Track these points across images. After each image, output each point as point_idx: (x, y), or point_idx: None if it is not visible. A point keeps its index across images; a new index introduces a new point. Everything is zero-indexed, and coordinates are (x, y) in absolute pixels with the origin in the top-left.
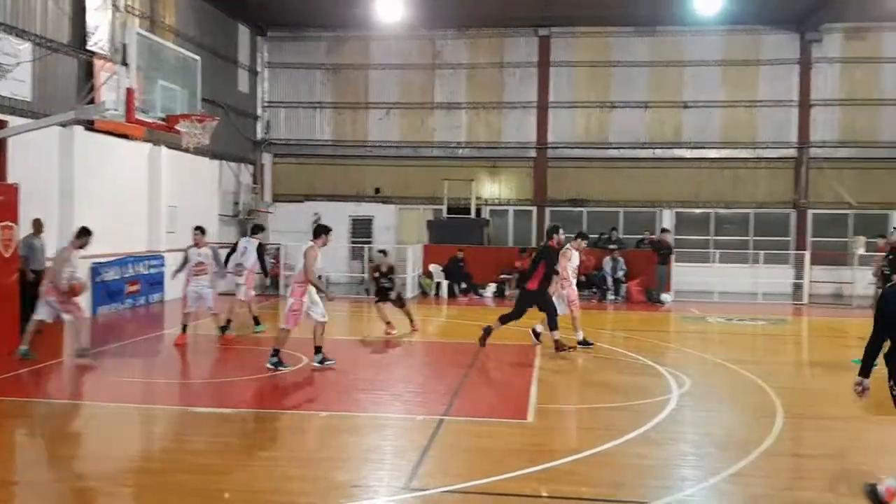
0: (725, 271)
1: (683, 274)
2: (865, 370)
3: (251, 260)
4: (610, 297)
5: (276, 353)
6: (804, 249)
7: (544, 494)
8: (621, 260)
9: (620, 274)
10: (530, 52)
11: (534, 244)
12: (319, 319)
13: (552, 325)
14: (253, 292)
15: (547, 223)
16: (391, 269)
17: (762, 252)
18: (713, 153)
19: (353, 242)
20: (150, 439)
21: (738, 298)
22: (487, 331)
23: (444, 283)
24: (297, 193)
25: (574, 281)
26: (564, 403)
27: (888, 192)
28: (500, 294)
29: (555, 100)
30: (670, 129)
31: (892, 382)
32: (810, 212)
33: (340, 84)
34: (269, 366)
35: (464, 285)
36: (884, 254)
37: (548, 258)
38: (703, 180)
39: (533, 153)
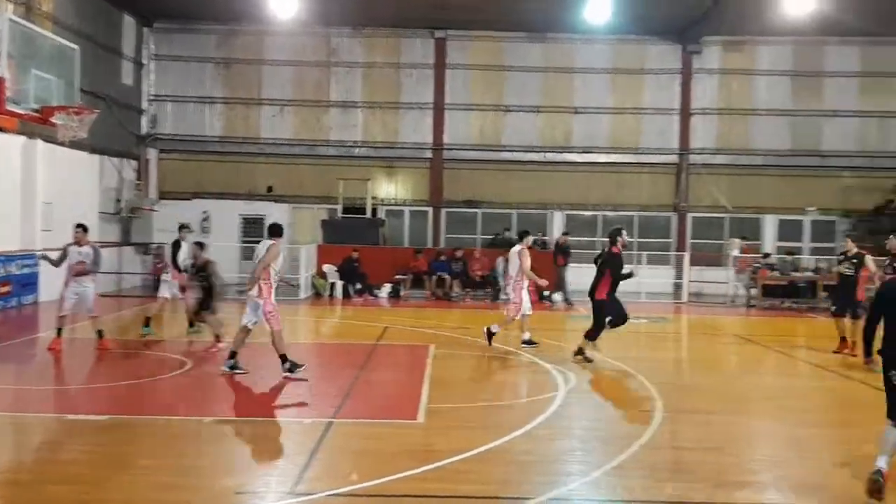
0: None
1: (573, 274)
2: (868, 351)
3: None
4: (503, 296)
5: (233, 355)
6: (684, 251)
7: (431, 494)
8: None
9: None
10: (426, 53)
11: (430, 244)
12: (246, 323)
13: (593, 335)
14: (177, 291)
15: (444, 223)
16: (207, 265)
17: (645, 253)
18: (601, 157)
19: (245, 242)
20: (21, 449)
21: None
22: (580, 352)
23: (339, 284)
24: (184, 191)
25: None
26: (455, 403)
27: (761, 198)
28: (395, 294)
29: (451, 101)
30: (561, 134)
31: (891, 372)
32: (690, 215)
33: (232, 79)
34: (225, 369)
35: (358, 286)
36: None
37: (613, 265)
38: (592, 184)
39: (429, 154)
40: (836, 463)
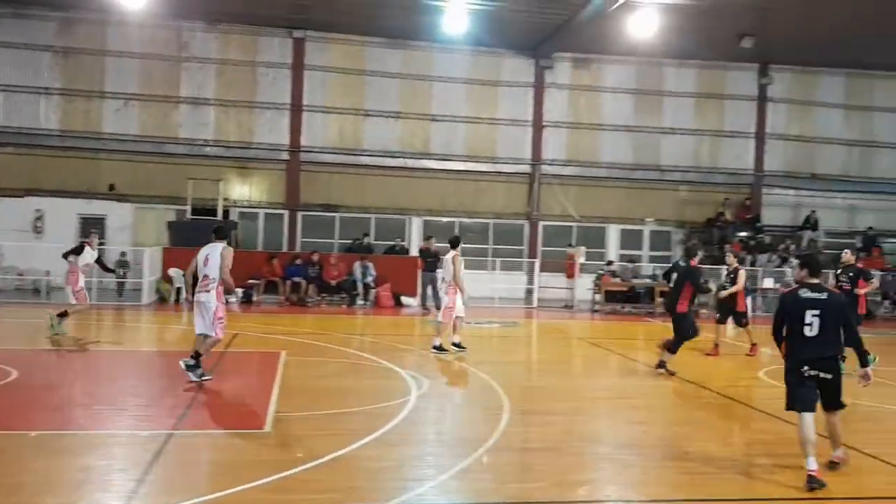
0: (467, 277)
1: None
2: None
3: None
4: (359, 301)
5: (196, 357)
6: (535, 258)
7: None
8: (371, 265)
9: (370, 279)
10: (284, 53)
11: (285, 248)
12: (202, 332)
13: (674, 348)
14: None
15: (300, 227)
16: None
17: (499, 259)
18: (458, 165)
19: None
20: None
21: (478, 303)
22: (661, 365)
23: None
24: (16, 188)
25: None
26: (305, 411)
27: (606, 208)
28: (247, 300)
29: (309, 103)
30: (420, 141)
31: (804, 367)
32: (541, 223)
33: (71, 69)
34: (193, 378)
35: None
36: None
37: (692, 278)
38: (449, 191)
39: (286, 156)
40: (670, 458)
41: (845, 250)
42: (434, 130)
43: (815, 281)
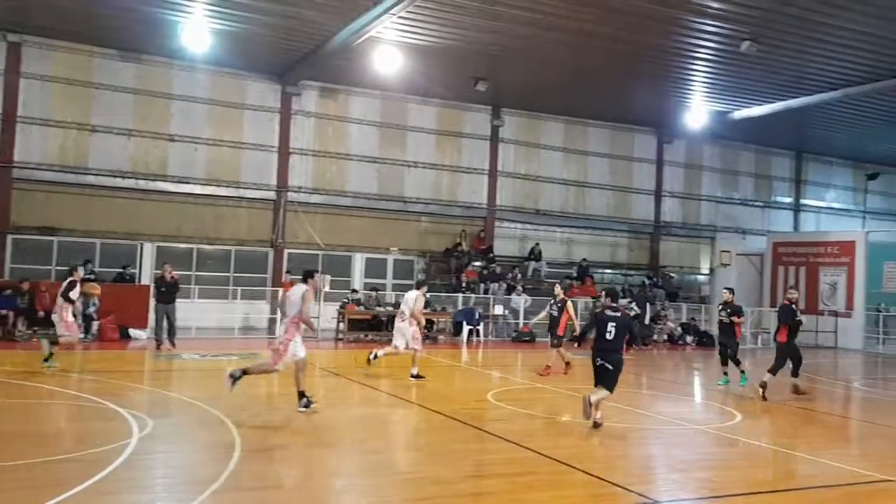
0: (205, 306)
1: (183, 310)
2: (579, 342)
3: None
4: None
5: (301, 394)
6: (280, 286)
7: None
8: (95, 295)
9: (92, 310)
10: None
11: None
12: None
13: (795, 372)
14: None
15: (9, 252)
16: None
17: (241, 288)
18: (197, 189)
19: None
20: None
21: (216, 334)
22: (763, 385)
23: None
24: None
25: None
26: (4, 461)
27: (352, 237)
28: None
29: (25, 115)
30: (155, 161)
31: (597, 359)
32: (286, 251)
33: None
34: (301, 409)
35: None
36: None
37: (785, 316)
38: (187, 215)
39: None
40: (404, 485)
41: (557, 285)
42: (172, 151)
43: (614, 304)
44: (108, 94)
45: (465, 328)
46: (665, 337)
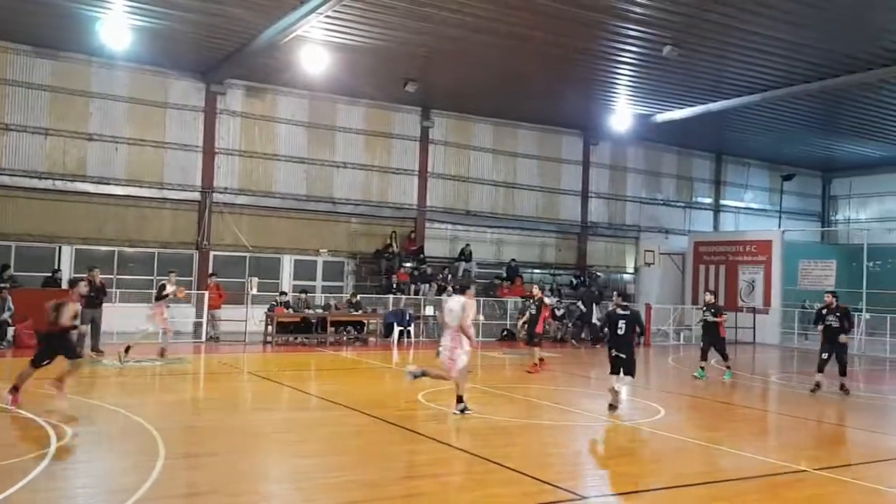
0: (128, 311)
1: (109, 314)
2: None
3: None
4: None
5: (460, 398)
6: (205, 289)
7: None
8: (9, 299)
9: (6, 315)
10: None
11: None
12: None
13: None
14: None
15: None
16: None
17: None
18: (118, 190)
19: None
20: None
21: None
22: (817, 386)
23: None
24: None
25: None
26: None
27: (279, 239)
28: None
29: None
30: (73, 161)
31: (612, 350)
32: (212, 253)
33: None
34: (456, 412)
35: None
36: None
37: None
38: (108, 217)
39: None
40: (333, 488)
41: (535, 286)
42: (91, 151)
43: (624, 304)
44: (23, 91)
45: (396, 329)
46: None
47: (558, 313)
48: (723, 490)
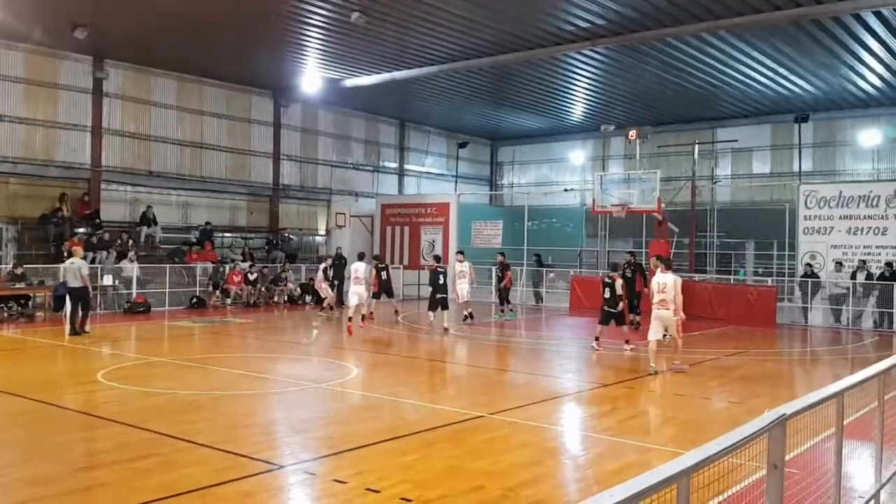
0: None
1: None
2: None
3: None
4: None
5: None
6: None
7: None
8: None
9: None
10: None
11: None
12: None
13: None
14: None
15: None
16: None
17: None
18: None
19: None
20: None
21: None
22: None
23: None
24: None
25: None
26: None
27: None
28: None
29: None
30: None
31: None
32: None
33: None
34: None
35: None
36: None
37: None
38: None
39: None
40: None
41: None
42: None
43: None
44: None
45: (69, 302)
46: (286, 298)
47: (251, 278)
48: (414, 441)
